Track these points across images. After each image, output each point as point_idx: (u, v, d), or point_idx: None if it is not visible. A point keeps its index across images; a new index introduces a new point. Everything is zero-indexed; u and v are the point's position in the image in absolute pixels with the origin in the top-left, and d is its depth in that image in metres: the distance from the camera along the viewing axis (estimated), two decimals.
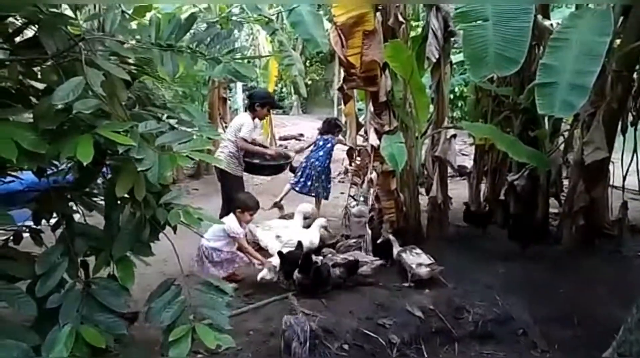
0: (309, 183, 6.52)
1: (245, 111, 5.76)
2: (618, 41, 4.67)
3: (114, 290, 1.85)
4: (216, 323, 1.84)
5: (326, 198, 6.64)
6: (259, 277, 4.23)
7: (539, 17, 5.01)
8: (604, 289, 4.27)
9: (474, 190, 6.83)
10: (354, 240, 4.82)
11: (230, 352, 3.20)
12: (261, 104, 5.41)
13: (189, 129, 1.96)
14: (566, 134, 5.85)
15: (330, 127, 6.67)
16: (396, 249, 4.64)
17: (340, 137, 6.87)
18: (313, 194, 6.53)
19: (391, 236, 4.77)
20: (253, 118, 5.42)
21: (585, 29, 3.70)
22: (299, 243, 4.56)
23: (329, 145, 6.59)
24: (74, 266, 1.84)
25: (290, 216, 5.80)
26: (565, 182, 5.91)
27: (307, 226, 5.24)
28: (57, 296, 1.74)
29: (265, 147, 6.19)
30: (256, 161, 5.62)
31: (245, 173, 5.67)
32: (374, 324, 3.71)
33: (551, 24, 5.08)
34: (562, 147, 5.79)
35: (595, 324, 3.78)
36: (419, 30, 5.93)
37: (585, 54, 3.62)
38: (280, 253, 4.29)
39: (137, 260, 1.95)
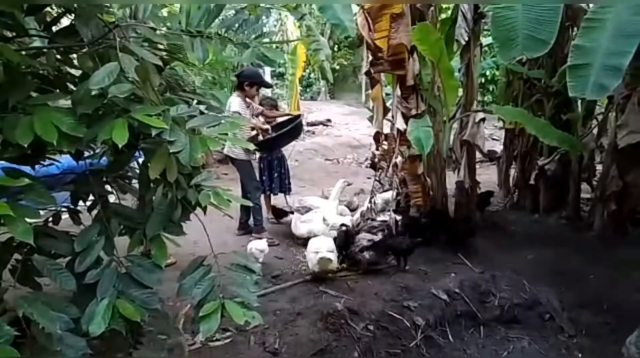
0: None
1: (233, 92, 5.44)
2: None
3: (147, 268, 1.92)
4: (245, 301, 1.90)
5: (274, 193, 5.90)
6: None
7: None
8: (635, 275, 4.20)
9: (504, 175, 6.76)
10: (378, 222, 4.83)
11: (258, 330, 3.29)
12: (250, 83, 5.19)
13: (217, 114, 2.00)
14: (600, 117, 5.70)
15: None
16: None
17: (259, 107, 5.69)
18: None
19: None
20: (243, 98, 5.21)
21: (622, 8, 3.57)
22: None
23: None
24: (110, 245, 1.91)
25: None
26: (599, 167, 5.78)
27: None
28: (94, 272, 1.82)
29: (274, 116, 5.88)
30: (262, 137, 5.36)
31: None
32: (399, 306, 3.75)
33: (587, 4, 4.93)
34: (595, 131, 5.65)
35: (624, 310, 3.73)
36: (449, 12, 5.83)
37: (621, 35, 3.51)
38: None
39: (168, 242, 2.02)
